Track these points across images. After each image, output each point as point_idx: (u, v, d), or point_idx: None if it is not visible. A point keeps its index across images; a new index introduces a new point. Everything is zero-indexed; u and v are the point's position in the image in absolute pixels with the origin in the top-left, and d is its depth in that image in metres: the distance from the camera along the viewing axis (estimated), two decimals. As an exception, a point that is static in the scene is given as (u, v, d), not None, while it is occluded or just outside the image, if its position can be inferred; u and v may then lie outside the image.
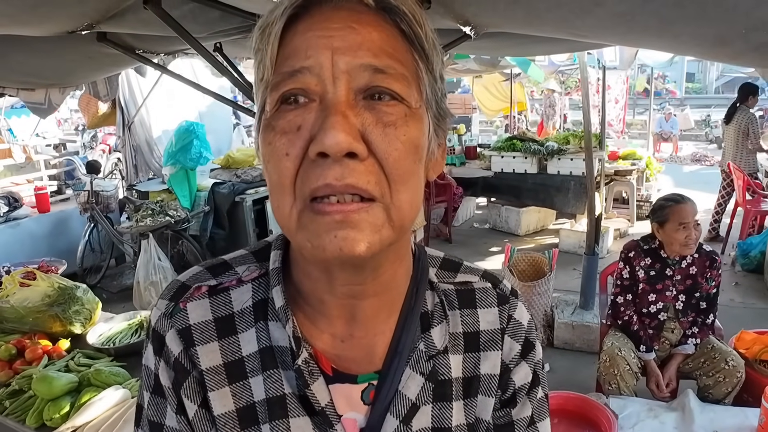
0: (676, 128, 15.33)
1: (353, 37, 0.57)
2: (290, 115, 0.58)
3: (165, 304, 0.72)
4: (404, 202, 0.59)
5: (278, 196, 0.59)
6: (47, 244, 5.77)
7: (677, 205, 2.84)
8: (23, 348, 2.61)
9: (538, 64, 7.19)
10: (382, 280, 0.67)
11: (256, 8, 2.08)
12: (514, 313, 0.79)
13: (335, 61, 0.56)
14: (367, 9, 0.59)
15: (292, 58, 0.58)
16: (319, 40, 0.57)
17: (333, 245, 0.55)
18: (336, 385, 0.69)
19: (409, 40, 0.61)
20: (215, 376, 0.68)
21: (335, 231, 0.55)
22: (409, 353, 0.70)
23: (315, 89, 0.57)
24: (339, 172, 0.54)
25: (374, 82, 0.57)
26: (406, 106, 0.59)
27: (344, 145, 0.54)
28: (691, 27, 1.53)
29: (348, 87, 0.57)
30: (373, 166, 0.57)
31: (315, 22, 0.58)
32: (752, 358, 2.88)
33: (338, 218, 0.55)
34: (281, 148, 0.58)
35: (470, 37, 2.08)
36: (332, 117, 0.54)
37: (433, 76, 0.63)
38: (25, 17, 1.90)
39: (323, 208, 0.55)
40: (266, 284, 0.72)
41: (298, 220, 0.58)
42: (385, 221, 0.58)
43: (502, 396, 0.78)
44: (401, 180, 0.58)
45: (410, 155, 0.59)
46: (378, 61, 0.57)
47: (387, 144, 0.57)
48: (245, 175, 6.01)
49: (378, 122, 0.57)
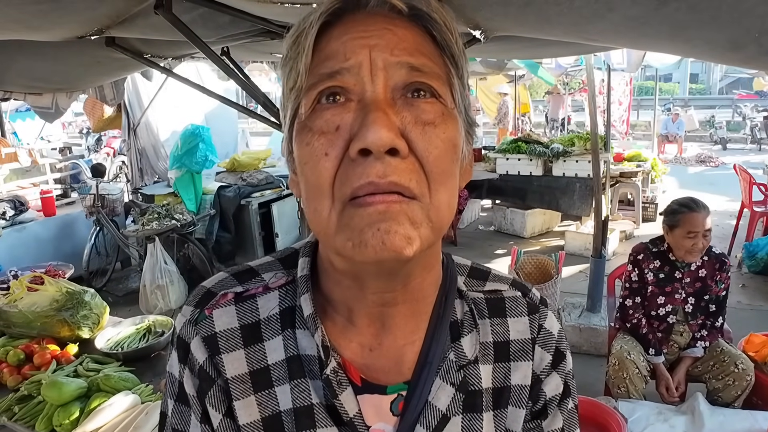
0: (682, 129, 15.30)
1: (390, 37, 0.58)
2: (328, 114, 0.57)
3: (190, 310, 0.71)
4: (443, 203, 0.59)
5: (315, 199, 0.58)
6: (53, 247, 5.79)
7: (689, 213, 2.81)
8: (32, 353, 2.62)
9: (545, 66, 7.17)
10: (412, 287, 0.66)
11: (266, 13, 2.08)
12: (544, 323, 0.78)
13: (373, 58, 0.56)
14: (400, 16, 0.60)
15: (330, 60, 0.58)
16: (356, 41, 0.57)
17: (375, 239, 0.54)
18: (365, 396, 0.67)
19: (440, 46, 0.62)
20: (240, 384, 0.68)
21: (378, 223, 0.54)
22: (439, 363, 0.69)
23: (353, 88, 0.57)
24: (381, 170, 0.54)
25: (412, 78, 0.58)
26: (443, 104, 0.59)
27: (387, 140, 0.53)
28: (704, 31, 1.52)
29: (386, 84, 0.57)
30: (414, 164, 0.56)
31: (350, 27, 0.59)
32: (761, 361, 2.87)
33: (381, 208, 0.54)
34: (320, 148, 0.57)
35: (480, 41, 2.08)
36: (373, 113, 0.54)
37: (462, 83, 0.64)
38: (36, 22, 1.90)
39: (365, 200, 0.54)
40: (293, 292, 0.71)
41: (338, 222, 0.57)
42: (424, 220, 0.57)
43: (533, 407, 0.77)
44: (440, 179, 0.58)
45: (449, 154, 0.59)
46: (414, 59, 0.58)
47: (427, 142, 0.57)
48: (251, 178, 6.02)
49: (417, 120, 0.57)
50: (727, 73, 29.69)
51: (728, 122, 19.12)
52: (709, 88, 32.12)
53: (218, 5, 1.95)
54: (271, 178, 6.11)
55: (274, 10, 1.83)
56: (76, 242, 5.96)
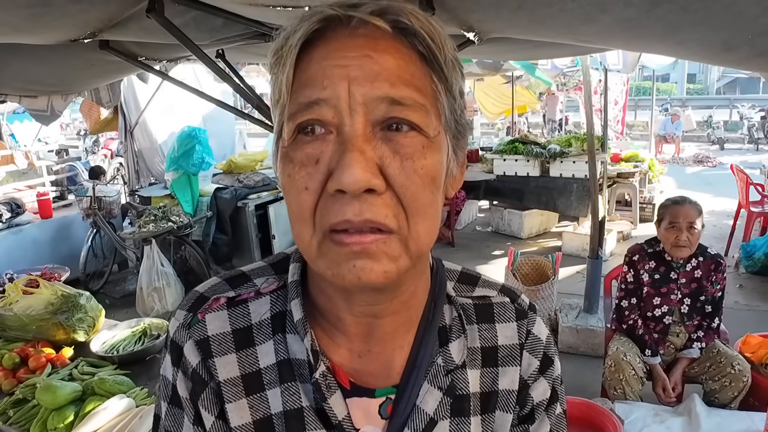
0: (680, 129, 15.33)
1: (370, 67, 0.56)
2: (308, 148, 0.58)
3: (183, 314, 0.72)
4: (421, 233, 0.59)
5: (298, 226, 0.60)
6: (50, 250, 5.76)
7: (673, 206, 2.88)
8: (27, 356, 2.61)
9: (541, 67, 7.18)
10: (402, 298, 0.67)
11: (258, 16, 2.08)
12: (532, 328, 0.79)
13: (352, 92, 0.56)
14: (384, 34, 0.58)
15: (308, 87, 0.57)
16: (335, 70, 0.56)
17: (352, 274, 0.56)
18: (353, 399, 0.69)
19: (427, 62, 0.60)
20: (233, 387, 0.69)
21: (353, 261, 0.56)
22: (427, 368, 0.70)
23: (332, 121, 0.57)
24: (357, 208, 0.55)
25: (391, 113, 0.57)
26: (424, 136, 0.58)
27: (362, 183, 0.54)
28: (697, 33, 1.52)
29: (365, 119, 0.56)
30: (391, 199, 0.57)
31: (331, 50, 0.57)
32: (758, 362, 2.87)
33: (356, 249, 0.56)
34: (300, 182, 0.58)
35: (474, 43, 2.08)
36: (349, 154, 0.54)
37: (452, 95, 0.63)
38: (28, 26, 1.90)
39: (342, 239, 0.56)
40: (284, 297, 0.72)
41: (318, 249, 0.58)
42: (402, 252, 0.58)
43: (520, 412, 0.78)
44: (418, 212, 0.58)
45: (428, 187, 0.59)
46: (395, 91, 0.56)
47: (404, 177, 0.57)
48: (247, 180, 6.01)
49: (396, 154, 0.57)
50: (724, 73, 29.74)
51: (726, 122, 19.15)
52: (707, 89, 32.14)
53: (210, 8, 1.95)
54: (267, 180, 6.11)
55: (266, 13, 1.83)
56: (73, 245, 5.93)
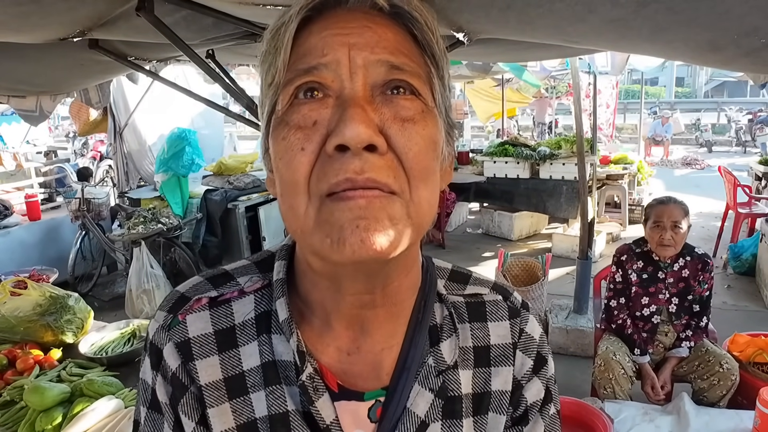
0: (669, 132, 15.44)
1: (370, 35, 0.57)
2: (305, 109, 0.57)
3: (163, 316, 0.69)
4: (423, 199, 0.58)
5: (291, 195, 0.57)
6: (38, 252, 5.72)
7: (658, 205, 2.93)
8: (14, 358, 2.58)
9: (530, 70, 7.20)
10: (390, 290, 0.65)
11: (249, 15, 2.08)
12: (525, 327, 0.77)
13: (352, 56, 0.56)
14: (381, 14, 0.59)
15: (307, 56, 0.57)
16: (335, 38, 0.57)
17: (355, 236, 0.52)
18: (342, 402, 0.66)
19: (421, 45, 0.61)
20: (215, 391, 0.66)
21: (358, 220, 0.53)
22: (417, 368, 0.68)
23: (332, 84, 0.56)
24: (359, 166, 0.53)
25: (392, 75, 0.57)
26: (423, 102, 0.59)
27: (365, 136, 0.52)
28: (684, 33, 1.53)
29: (365, 81, 0.56)
30: (393, 161, 0.55)
31: (330, 23, 0.58)
32: (746, 360, 2.89)
33: (362, 203, 0.53)
34: (296, 143, 0.56)
35: (463, 44, 2.08)
36: (351, 109, 0.53)
37: (443, 84, 0.63)
38: (15, 24, 1.88)
39: (345, 194, 0.53)
40: (269, 296, 0.69)
41: (315, 218, 0.55)
42: (405, 216, 0.56)
43: (513, 413, 0.76)
44: (421, 176, 0.57)
45: (429, 151, 0.58)
46: (395, 58, 0.57)
47: (407, 139, 0.56)
48: (238, 181, 6.00)
49: (396, 117, 0.56)
50: (712, 77, 29.97)
51: (713, 125, 19.34)
52: (695, 92, 32.40)
53: (201, 7, 1.94)
54: (258, 182, 6.09)
55: (256, 11, 1.82)
56: (62, 247, 5.89)
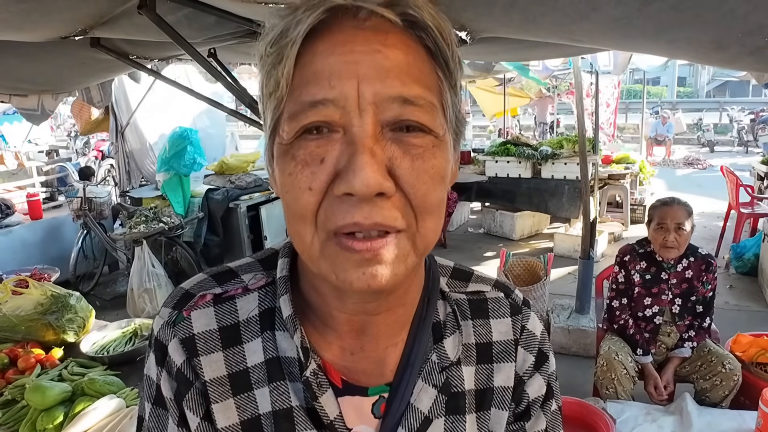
0: (671, 132, 15.42)
1: (381, 63, 0.54)
2: (312, 146, 0.55)
3: (168, 312, 0.69)
4: (429, 230, 0.58)
5: (298, 225, 0.57)
6: (40, 251, 5.73)
7: (662, 207, 2.90)
8: (16, 357, 2.58)
9: (533, 69, 7.20)
10: (397, 295, 0.65)
11: (252, 14, 2.07)
12: (527, 324, 0.78)
13: (362, 91, 0.53)
14: (392, 26, 0.56)
15: (312, 84, 0.54)
16: (343, 66, 0.53)
17: (361, 282, 0.54)
18: (345, 398, 0.66)
19: (434, 57, 0.58)
20: (219, 387, 0.66)
21: (363, 268, 0.54)
22: (421, 365, 0.68)
23: (339, 121, 0.54)
24: (367, 212, 0.52)
25: (403, 115, 0.54)
26: (434, 136, 0.57)
27: (374, 188, 0.51)
28: (688, 32, 1.53)
29: (375, 119, 0.53)
30: (400, 200, 0.55)
31: (338, 43, 0.54)
32: (749, 361, 2.88)
33: (368, 256, 0.54)
34: (303, 181, 0.55)
35: (466, 42, 2.08)
36: (360, 156, 0.52)
37: (455, 91, 0.61)
38: (17, 23, 1.88)
39: (352, 245, 0.53)
40: (273, 293, 0.70)
41: (321, 250, 0.56)
42: (410, 249, 0.57)
43: (515, 409, 0.76)
44: (428, 211, 0.57)
45: (437, 186, 0.57)
46: (407, 90, 0.54)
47: (415, 178, 0.55)
48: (239, 181, 6.00)
49: (405, 155, 0.55)
50: (714, 76, 29.92)
51: (716, 125, 19.30)
52: (697, 92, 32.36)
53: (203, 5, 1.94)
54: (259, 181, 6.10)
55: (259, 10, 1.82)
56: (63, 246, 5.89)
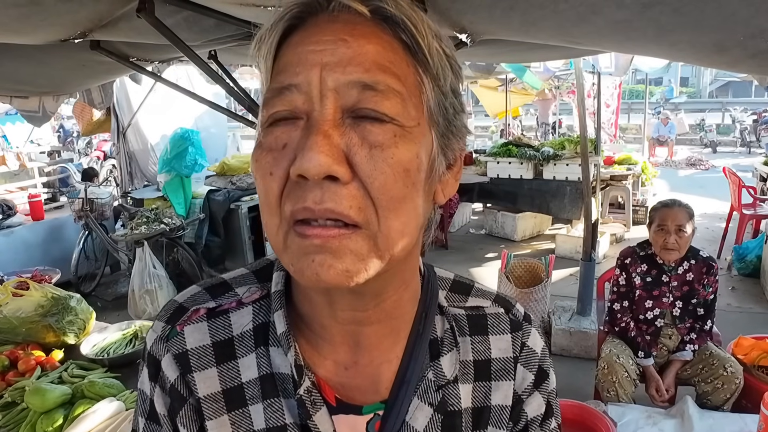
0: (673, 132, 15.39)
1: (344, 51, 0.54)
2: (277, 131, 0.56)
3: (161, 326, 0.69)
4: (393, 230, 0.55)
5: (266, 215, 0.57)
6: (41, 252, 5.74)
7: (662, 209, 2.89)
8: (16, 359, 2.58)
9: (533, 70, 7.19)
10: (386, 306, 0.64)
11: (251, 16, 2.07)
12: (527, 341, 0.76)
13: (323, 77, 0.53)
14: (364, 20, 0.56)
15: (282, 73, 0.56)
16: (308, 56, 0.54)
17: (310, 270, 0.53)
18: (340, 416, 0.65)
19: (410, 52, 0.57)
20: (213, 403, 0.65)
21: (313, 255, 0.53)
22: (417, 382, 0.67)
23: (302, 107, 0.54)
24: (319, 195, 0.52)
25: (362, 101, 0.53)
26: (397, 125, 0.55)
27: (322, 168, 0.50)
28: (689, 35, 1.52)
29: (335, 105, 0.53)
30: (358, 190, 0.53)
31: (307, 35, 0.56)
32: (750, 363, 2.87)
33: (317, 242, 0.52)
34: (266, 167, 0.55)
35: (466, 45, 2.07)
36: (313, 137, 0.52)
37: (442, 90, 0.59)
38: (17, 26, 1.88)
39: (304, 230, 0.53)
40: (267, 307, 0.69)
41: (283, 242, 0.55)
42: (371, 250, 0.54)
43: (513, 428, 0.75)
44: (389, 206, 0.54)
45: (399, 179, 0.54)
46: (368, 76, 0.53)
47: (372, 167, 0.53)
48: (240, 182, 6.00)
49: (363, 142, 0.53)
50: (717, 77, 29.88)
51: (718, 125, 19.26)
52: (699, 92, 32.32)
53: (202, 8, 1.93)
54: (261, 182, 6.07)
55: (257, 13, 1.82)
56: (65, 247, 5.91)
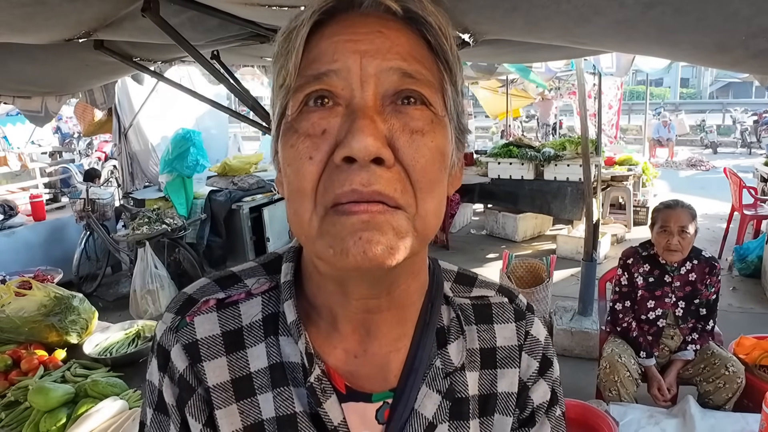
0: (673, 134, 15.41)
1: (382, 41, 0.56)
2: (314, 117, 0.56)
3: (171, 317, 0.69)
4: (429, 212, 0.57)
5: (297, 201, 0.57)
6: (43, 252, 5.74)
7: (665, 210, 2.90)
8: (19, 359, 2.58)
9: (535, 70, 7.19)
10: (397, 294, 0.65)
11: (254, 16, 2.08)
12: (531, 329, 0.78)
13: (363, 65, 0.55)
14: (395, 18, 0.59)
15: (318, 61, 0.56)
16: (346, 44, 0.56)
17: (357, 248, 0.53)
18: (349, 404, 0.66)
19: (434, 51, 0.60)
20: (222, 393, 0.66)
21: (360, 232, 0.53)
22: (425, 370, 0.68)
23: (341, 93, 0.56)
24: (366, 178, 0.52)
25: (403, 85, 0.56)
26: (433, 112, 0.58)
27: (372, 149, 0.52)
28: (691, 35, 1.53)
29: (376, 91, 0.55)
30: (399, 173, 0.55)
31: (341, 27, 0.57)
32: (752, 363, 2.88)
33: (365, 218, 0.53)
34: (305, 152, 0.56)
35: (469, 45, 2.08)
36: (360, 120, 0.53)
37: (456, 89, 0.62)
38: (21, 25, 1.88)
39: (349, 208, 0.53)
40: (276, 297, 0.70)
41: (319, 227, 0.55)
42: (410, 230, 0.56)
43: (520, 415, 0.76)
44: (427, 188, 0.57)
45: (437, 162, 0.58)
46: (407, 65, 0.56)
47: (414, 151, 0.55)
48: (242, 182, 6.01)
49: (405, 128, 0.56)
50: (717, 77, 29.89)
51: (719, 126, 19.28)
52: (700, 93, 32.34)
53: (206, 8, 1.94)
54: (262, 183, 6.10)
55: (262, 13, 1.82)
56: (66, 247, 5.91)
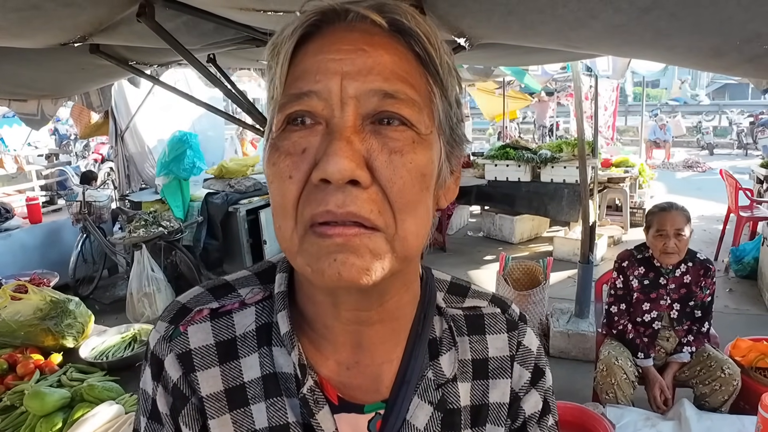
0: (669, 135, 15.45)
1: (363, 61, 0.56)
2: (295, 137, 0.57)
3: (164, 326, 0.69)
4: (409, 233, 0.57)
5: (280, 218, 0.58)
6: (39, 255, 5.73)
7: (660, 213, 2.89)
8: (15, 363, 2.58)
9: (531, 73, 7.21)
10: (388, 306, 0.65)
11: (249, 20, 2.08)
12: (523, 340, 0.78)
13: (344, 86, 0.55)
14: (381, 30, 0.58)
15: (300, 80, 0.56)
16: (329, 64, 0.56)
17: (332, 269, 0.53)
18: (342, 415, 0.66)
19: (423, 63, 0.60)
20: (215, 402, 0.66)
21: (335, 254, 0.53)
22: (417, 381, 0.68)
23: (322, 113, 0.56)
24: (341, 199, 0.53)
25: (383, 106, 0.56)
26: (415, 132, 0.57)
27: (347, 172, 0.52)
28: (686, 39, 1.53)
29: (356, 112, 0.55)
30: (377, 194, 0.55)
31: (326, 43, 0.57)
32: (748, 365, 2.88)
33: (339, 241, 0.53)
34: (285, 170, 0.56)
35: (465, 49, 2.08)
36: (336, 142, 0.53)
37: (448, 101, 0.62)
38: (17, 29, 1.88)
39: (325, 230, 0.53)
40: (270, 307, 0.70)
41: (299, 245, 0.56)
42: (388, 251, 0.56)
43: (512, 425, 0.77)
44: (406, 209, 0.56)
45: (416, 183, 0.57)
46: (388, 85, 0.56)
47: (392, 171, 0.55)
48: (239, 185, 6.00)
49: (384, 148, 0.55)
50: (713, 79, 29.95)
51: (715, 128, 19.32)
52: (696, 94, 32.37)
53: (202, 13, 1.94)
54: (259, 185, 6.09)
55: (257, 17, 1.83)
56: (63, 250, 5.90)
